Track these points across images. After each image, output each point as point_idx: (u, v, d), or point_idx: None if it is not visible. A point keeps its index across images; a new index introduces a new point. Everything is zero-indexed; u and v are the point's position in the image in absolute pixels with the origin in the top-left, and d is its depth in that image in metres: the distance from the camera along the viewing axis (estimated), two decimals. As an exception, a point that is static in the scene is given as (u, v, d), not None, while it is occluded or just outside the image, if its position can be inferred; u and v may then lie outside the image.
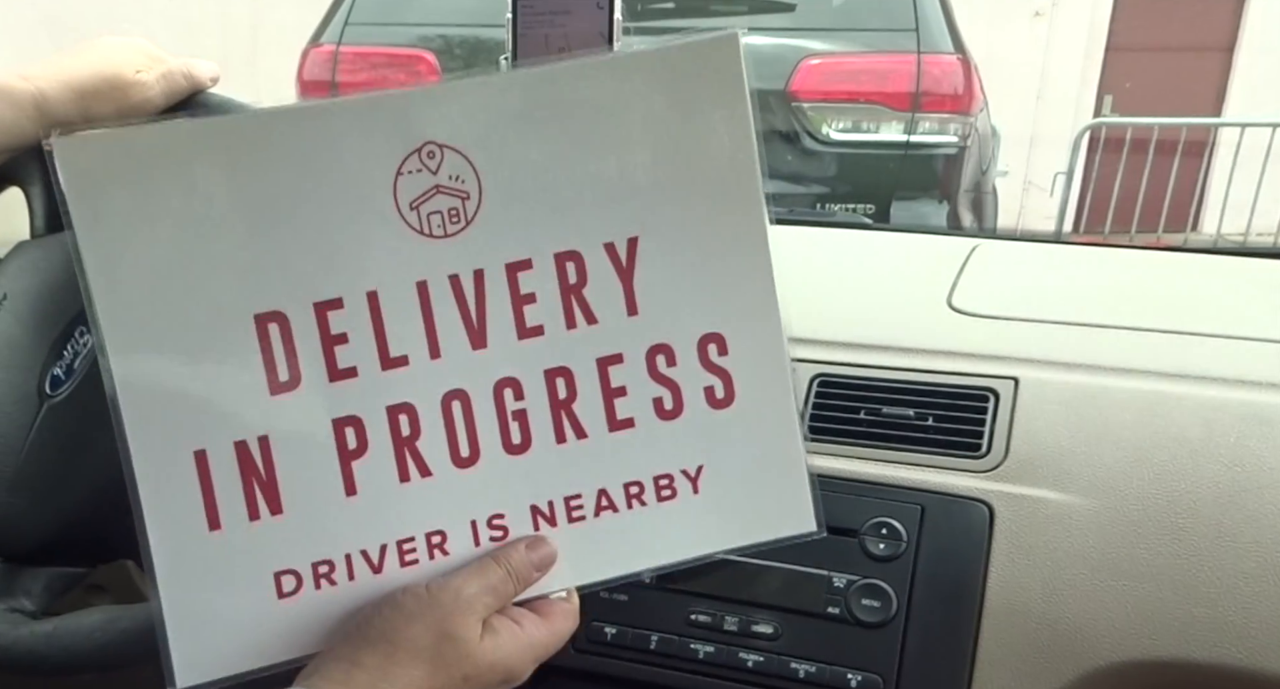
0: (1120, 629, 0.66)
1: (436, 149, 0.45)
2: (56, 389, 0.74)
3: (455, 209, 0.46)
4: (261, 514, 0.47)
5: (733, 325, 0.48)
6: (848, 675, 0.69)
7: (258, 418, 0.46)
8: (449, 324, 0.47)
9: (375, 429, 0.47)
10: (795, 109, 2.93)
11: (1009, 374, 0.77)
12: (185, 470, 0.46)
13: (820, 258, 1.07)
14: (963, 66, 2.95)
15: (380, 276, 0.46)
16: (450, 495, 0.48)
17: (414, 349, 0.47)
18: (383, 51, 3.14)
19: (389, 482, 0.47)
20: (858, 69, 2.96)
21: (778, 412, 0.50)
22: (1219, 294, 0.94)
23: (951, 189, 3.01)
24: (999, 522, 0.70)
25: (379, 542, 0.48)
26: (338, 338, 0.46)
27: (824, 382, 0.80)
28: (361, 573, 0.48)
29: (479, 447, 0.48)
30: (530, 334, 0.47)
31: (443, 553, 0.48)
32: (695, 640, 0.72)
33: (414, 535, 0.48)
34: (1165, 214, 5.72)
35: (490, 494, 0.49)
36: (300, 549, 0.47)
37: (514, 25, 0.71)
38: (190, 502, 0.46)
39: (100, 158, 0.44)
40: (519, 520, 0.49)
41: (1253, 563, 0.65)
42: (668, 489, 0.50)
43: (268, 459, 0.46)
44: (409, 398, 0.47)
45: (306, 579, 0.47)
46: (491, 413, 0.48)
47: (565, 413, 0.48)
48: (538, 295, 0.47)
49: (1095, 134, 5.89)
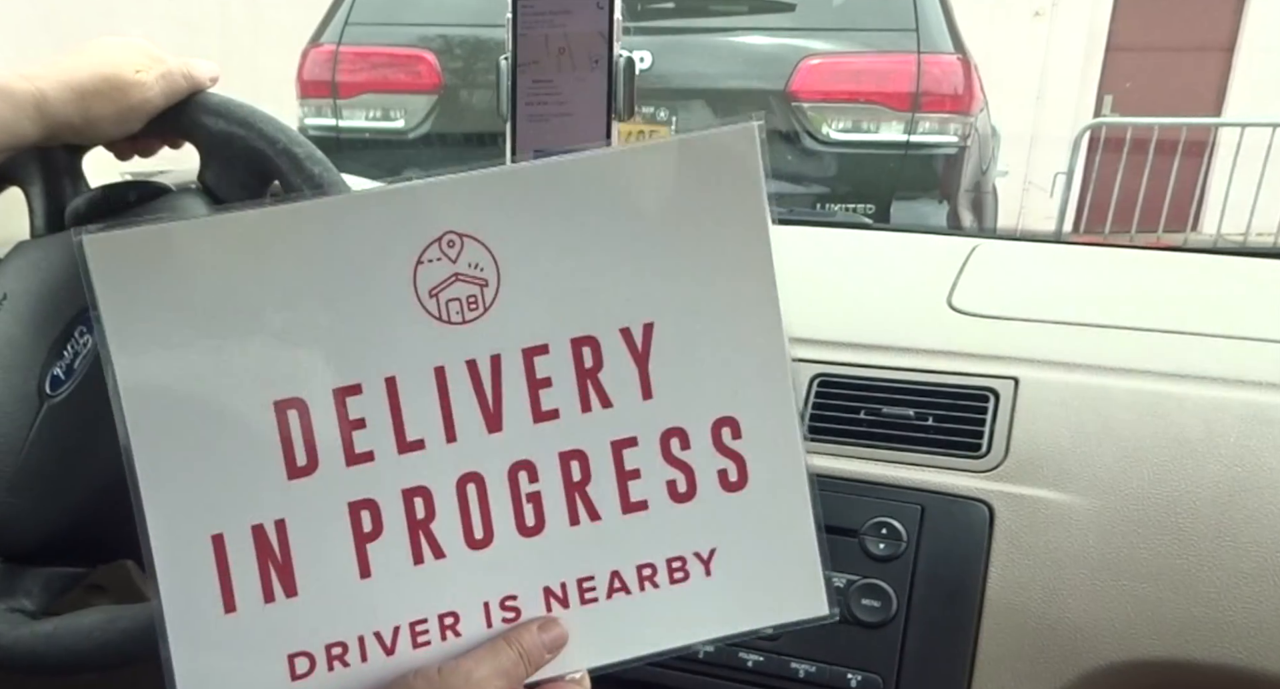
0: (1120, 629, 0.66)
1: (456, 239, 0.46)
2: (57, 389, 0.74)
3: (474, 296, 0.47)
4: (276, 596, 0.47)
5: (746, 410, 0.49)
6: (848, 675, 0.69)
7: (275, 502, 0.47)
8: (465, 408, 0.47)
9: (390, 512, 0.47)
10: (795, 109, 2.93)
11: (1009, 374, 0.77)
12: (203, 555, 0.47)
13: (820, 258, 1.07)
14: (963, 66, 2.95)
15: (399, 362, 0.47)
16: (463, 577, 0.48)
17: (430, 433, 0.47)
18: (383, 51, 3.14)
19: (403, 564, 0.48)
20: (858, 69, 2.96)
21: (790, 495, 0.51)
22: (1219, 294, 0.94)
23: (951, 189, 3.01)
24: (999, 522, 0.70)
25: (392, 623, 0.48)
26: (355, 422, 0.47)
27: (824, 382, 0.80)
28: (374, 654, 0.48)
29: (492, 528, 0.48)
30: (546, 417, 0.48)
31: (455, 634, 0.49)
32: (695, 640, 0.72)
33: (427, 617, 0.48)
34: (1165, 214, 5.72)
35: (503, 575, 0.49)
36: (314, 631, 0.48)
37: (514, 25, 0.71)
38: (207, 585, 0.47)
39: (128, 253, 0.46)
40: (531, 601, 0.49)
41: (1253, 563, 0.65)
42: (680, 572, 0.50)
43: (284, 542, 0.47)
44: (424, 481, 0.48)
45: (320, 661, 0.48)
46: (505, 495, 0.48)
47: (579, 495, 0.49)
48: (553, 380, 0.48)
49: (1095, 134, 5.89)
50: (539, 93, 0.72)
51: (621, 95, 0.72)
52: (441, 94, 3.09)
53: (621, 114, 0.72)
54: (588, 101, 0.72)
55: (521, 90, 0.72)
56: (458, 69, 3.12)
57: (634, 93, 0.72)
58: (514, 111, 0.73)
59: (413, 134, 3.10)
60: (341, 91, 3.11)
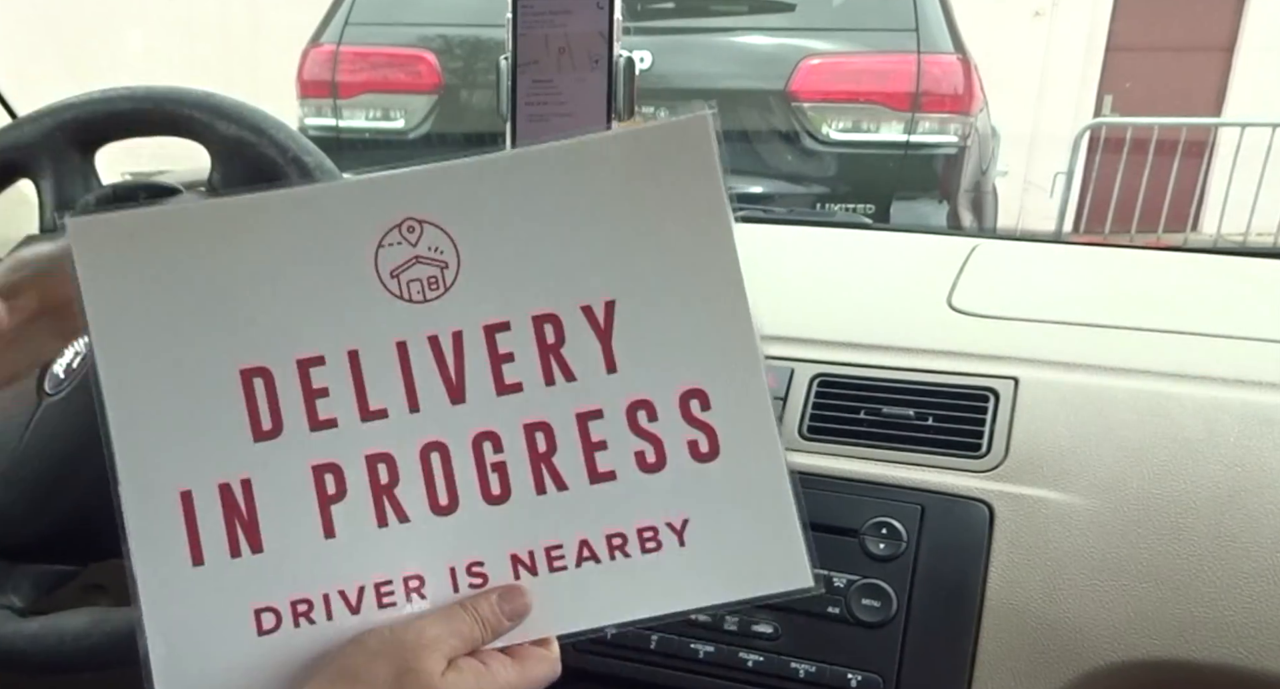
0: (1120, 629, 0.66)
1: (416, 224, 0.48)
2: (56, 388, 0.74)
3: (434, 277, 0.49)
4: (242, 551, 0.49)
5: (715, 381, 0.50)
6: (848, 675, 0.69)
7: (241, 462, 0.49)
8: (427, 380, 0.49)
9: (354, 475, 0.49)
10: (795, 109, 2.93)
11: (1009, 374, 0.77)
12: (172, 509, 0.49)
13: (820, 258, 1.07)
14: (963, 66, 2.95)
15: (360, 337, 0.49)
16: (428, 541, 0.50)
17: (393, 402, 0.49)
18: (383, 51, 3.14)
19: (367, 525, 0.49)
20: (858, 69, 2.96)
21: (765, 465, 0.51)
22: (1219, 294, 0.94)
23: (951, 189, 3.01)
24: (999, 521, 0.70)
25: (357, 583, 0.50)
26: (319, 391, 0.49)
27: (824, 381, 0.80)
28: (339, 613, 0.49)
29: (457, 495, 0.50)
30: (509, 390, 0.49)
31: (420, 596, 0.50)
32: (695, 640, 0.72)
33: (392, 578, 0.50)
34: (1165, 214, 5.72)
35: (469, 542, 0.50)
36: (279, 586, 0.49)
37: (514, 25, 0.71)
38: (176, 539, 0.49)
39: (110, 236, 0.49)
40: (498, 568, 0.50)
41: (1253, 563, 0.65)
42: (652, 541, 0.50)
43: (249, 500, 0.49)
44: (387, 447, 0.49)
45: (285, 616, 0.49)
46: (470, 464, 0.50)
47: (545, 465, 0.50)
48: (515, 354, 0.49)
49: (1095, 134, 5.89)
50: (539, 93, 0.72)
51: (621, 95, 0.72)
52: (441, 94, 3.09)
53: (621, 114, 0.72)
54: (588, 101, 0.72)
55: (521, 90, 0.72)
56: (458, 69, 3.12)
57: (634, 93, 0.72)
58: (514, 111, 0.73)
59: (413, 134, 3.10)
60: (341, 91, 3.11)
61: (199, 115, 0.76)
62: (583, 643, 0.73)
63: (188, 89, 0.79)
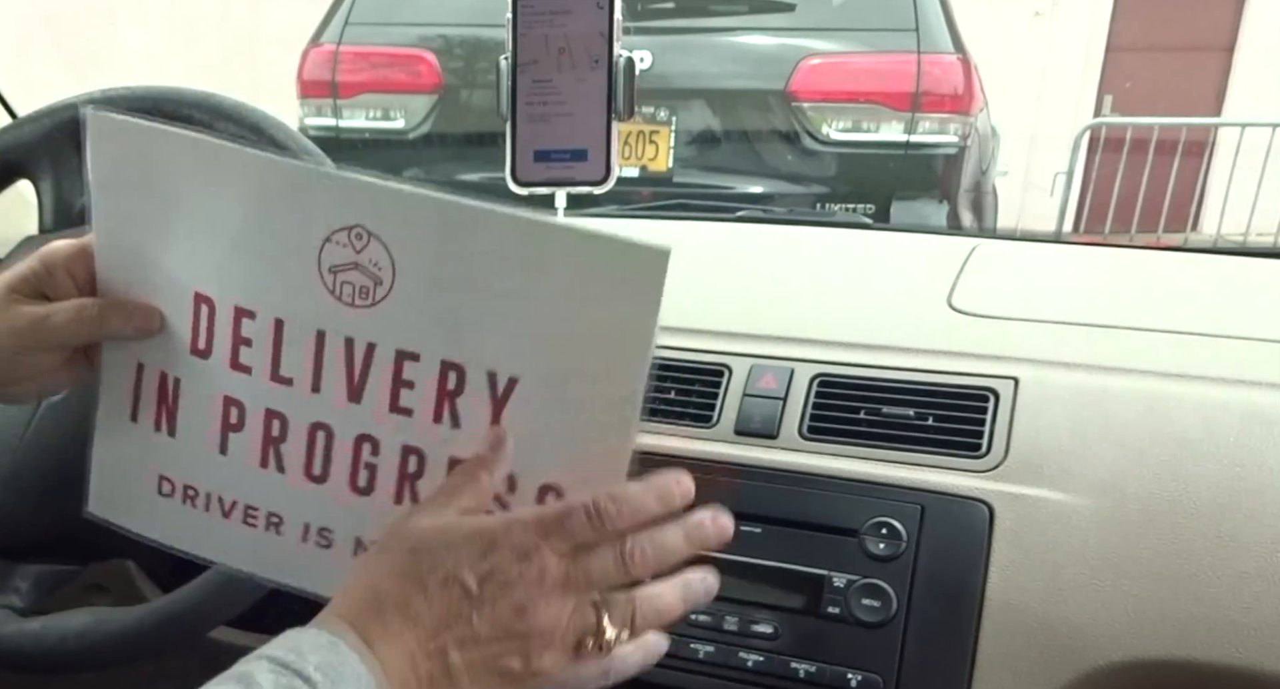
0: (1120, 629, 0.66)
1: (364, 233, 0.50)
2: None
3: (367, 287, 0.51)
4: (162, 428, 0.58)
5: (574, 485, 0.52)
6: (847, 675, 0.69)
7: (176, 364, 0.57)
8: (333, 373, 0.52)
9: (252, 419, 0.55)
10: (795, 109, 2.93)
11: (1009, 374, 0.77)
12: (128, 372, 0.58)
13: (820, 258, 1.07)
14: (963, 66, 2.95)
15: (289, 312, 0.53)
16: (295, 496, 0.55)
17: (298, 377, 0.53)
18: (383, 51, 3.14)
19: (251, 460, 0.56)
20: (858, 69, 2.96)
21: None
22: (1219, 294, 0.94)
23: (951, 189, 3.01)
24: (999, 522, 0.70)
25: (232, 496, 0.57)
26: (244, 339, 0.54)
27: (824, 382, 0.80)
28: (215, 510, 0.58)
29: (329, 472, 0.54)
30: (400, 411, 0.52)
31: (277, 532, 0.57)
32: (695, 640, 0.72)
33: (259, 508, 0.57)
34: (1165, 214, 5.72)
35: (328, 511, 0.55)
36: (177, 468, 0.58)
37: (514, 25, 0.71)
38: (125, 396, 0.59)
39: (120, 136, 0.53)
40: (343, 542, 0.55)
41: (1253, 563, 0.65)
42: None
43: (175, 395, 0.57)
44: (284, 411, 0.54)
45: (178, 491, 0.59)
46: (347, 454, 0.54)
47: (409, 484, 0.53)
48: (416, 384, 0.52)
49: (1095, 134, 5.89)
50: (539, 93, 0.72)
51: (621, 95, 0.72)
52: (441, 94, 3.09)
53: (621, 114, 0.72)
54: (588, 101, 0.72)
55: (521, 90, 0.72)
56: (458, 69, 3.12)
57: (634, 93, 0.72)
58: (514, 111, 0.73)
59: (413, 134, 3.09)
60: (341, 91, 3.11)
61: (199, 115, 0.76)
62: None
63: (187, 89, 0.79)
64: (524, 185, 0.74)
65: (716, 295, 0.94)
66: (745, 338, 0.85)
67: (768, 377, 0.80)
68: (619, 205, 1.38)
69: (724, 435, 0.79)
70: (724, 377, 0.82)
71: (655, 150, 2.96)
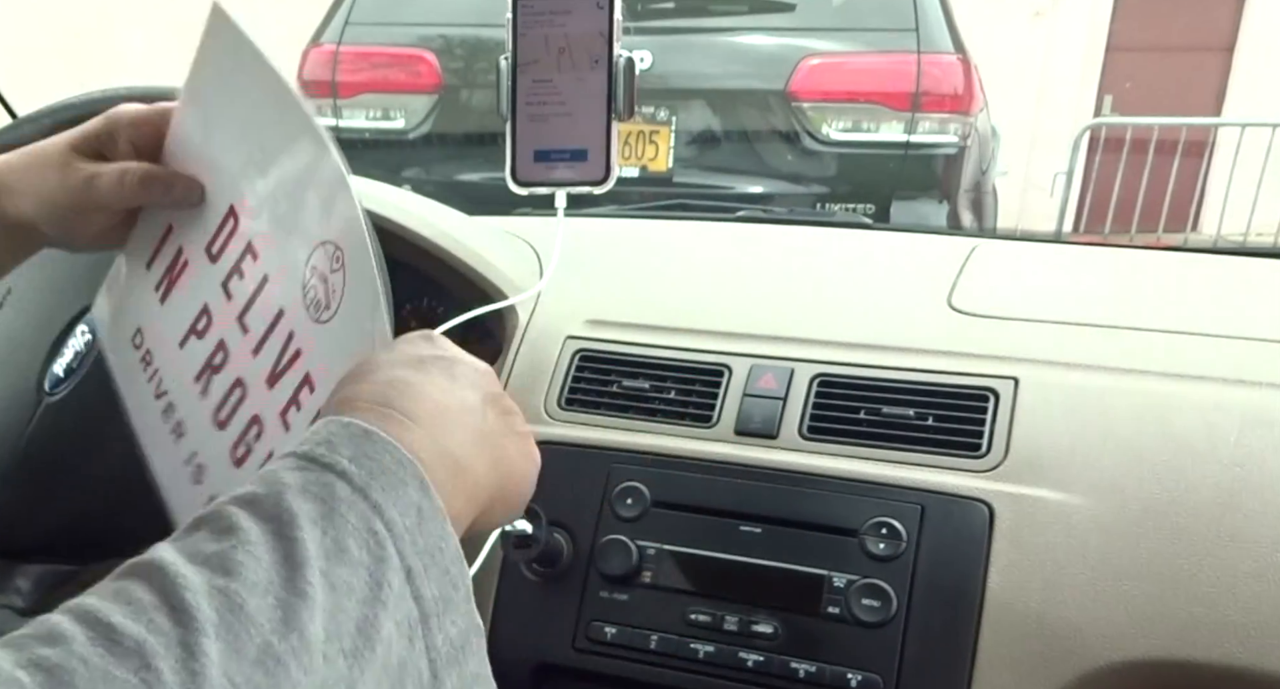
0: (1120, 629, 0.66)
1: (341, 260, 0.52)
2: (55, 388, 0.75)
3: (319, 302, 0.53)
4: (159, 290, 0.64)
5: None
6: (847, 675, 0.69)
7: (193, 250, 0.61)
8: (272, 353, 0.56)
9: (210, 337, 0.60)
10: (795, 109, 2.93)
11: (1009, 374, 0.77)
12: (159, 230, 0.63)
13: (820, 258, 1.07)
14: (963, 66, 2.95)
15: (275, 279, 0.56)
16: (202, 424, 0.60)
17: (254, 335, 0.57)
18: (383, 51, 3.14)
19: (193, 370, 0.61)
20: (858, 69, 2.95)
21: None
22: (1219, 294, 0.94)
23: (951, 189, 3.01)
24: (999, 522, 0.70)
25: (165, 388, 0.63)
26: (240, 271, 0.58)
27: (824, 381, 0.80)
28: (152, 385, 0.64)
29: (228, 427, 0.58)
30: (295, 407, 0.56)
31: (174, 444, 0.62)
32: (695, 640, 0.72)
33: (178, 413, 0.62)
34: (1165, 214, 5.72)
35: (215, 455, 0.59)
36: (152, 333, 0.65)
37: (514, 25, 0.71)
38: (150, 245, 0.64)
39: (232, 44, 0.57)
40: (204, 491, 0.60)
41: (1253, 563, 0.65)
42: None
43: (180, 273, 0.62)
44: (231, 351, 0.58)
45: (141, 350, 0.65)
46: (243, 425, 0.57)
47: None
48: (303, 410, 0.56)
49: (1095, 134, 5.89)
50: (539, 93, 0.72)
51: (621, 95, 0.71)
52: (441, 94, 3.09)
53: (621, 114, 0.72)
54: (588, 101, 0.72)
55: (521, 90, 0.72)
56: (458, 69, 3.12)
57: (634, 93, 0.72)
58: (514, 111, 0.73)
59: (413, 134, 3.09)
60: (341, 91, 3.11)
61: None
62: (582, 643, 0.74)
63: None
64: (523, 185, 0.74)
65: (716, 295, 0.94)
66: (745, 338, 0.85)
67: (768, 377, 0.80)
68: (619, 205, 1.38)
69: (724, 435, 0.79)
70: (724, 377, 0.82)
71: (655, 150, 2.96)
